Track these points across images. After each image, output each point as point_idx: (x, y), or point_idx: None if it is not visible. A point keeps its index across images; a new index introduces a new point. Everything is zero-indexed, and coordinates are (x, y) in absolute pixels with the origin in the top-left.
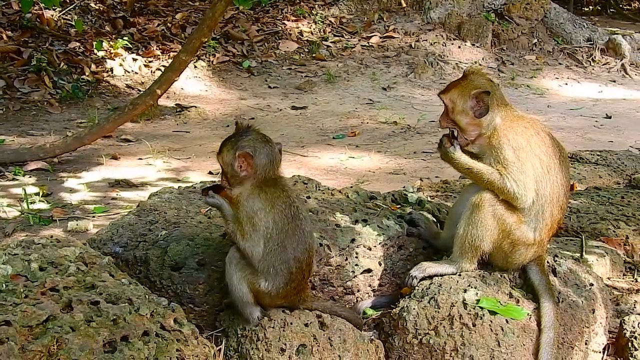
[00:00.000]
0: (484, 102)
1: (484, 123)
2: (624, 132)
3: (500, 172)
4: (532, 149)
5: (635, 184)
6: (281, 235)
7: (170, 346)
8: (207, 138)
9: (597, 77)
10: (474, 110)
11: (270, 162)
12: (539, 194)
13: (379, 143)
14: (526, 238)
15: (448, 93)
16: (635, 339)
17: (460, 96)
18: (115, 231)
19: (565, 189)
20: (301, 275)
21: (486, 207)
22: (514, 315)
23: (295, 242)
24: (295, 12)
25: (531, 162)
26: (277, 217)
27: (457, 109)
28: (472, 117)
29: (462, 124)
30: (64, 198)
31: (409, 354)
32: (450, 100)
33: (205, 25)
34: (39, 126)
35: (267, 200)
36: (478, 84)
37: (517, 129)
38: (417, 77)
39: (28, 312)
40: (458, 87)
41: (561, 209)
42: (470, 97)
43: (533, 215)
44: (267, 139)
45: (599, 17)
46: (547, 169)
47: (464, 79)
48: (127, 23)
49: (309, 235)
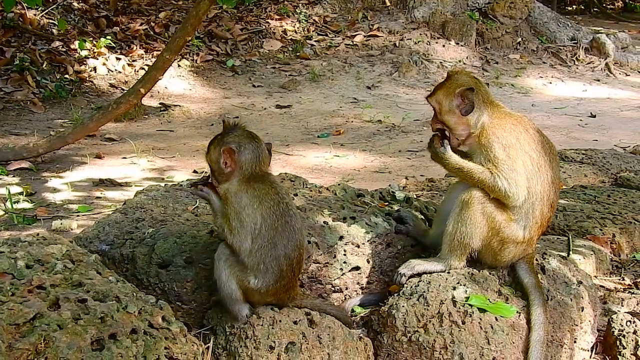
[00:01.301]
0: (468, 99)
1: (472, 121)
2: (608, 131)
3: (492, 170)
4: (521, 146)
5: (621, 182)
6: (271, 231)
7: (158, 344)
8: (191, 137)
9: (582, 76)
10: (459, 108)
11: (255, 158)
12: (530, 192)
13: (363, 142)
14: (515, 236)
15: (434, 95)
16: (623, 337)
17: (446, 96)
18: (101, 229)
19: (556, 187)
20: (291, 273)
21: (475, 205)
22: (503, 312)
23: (285, 239)
24: (279, 10)
25: (522, 160)
26: (266, 214)
27: (443, 109)
28: (458, 116)
29: (451, 124)
30: (48, 197)
31: (398, 352)
32: (437, 102)
33: (189, 24)
34: (22, 126)
35: (255, 197)
36: (462, 82)
37: (506, 126)
38: (401, 75)
39: (15, 310)
40: (443, 87)
41: (551, 207)
42: (454, 95)
43: (523, 213)
44: (253, 135)
45: (582, 16)
46: (537, 166)
47: (448, 80)
48: (110, 22)
49: (299, 232)
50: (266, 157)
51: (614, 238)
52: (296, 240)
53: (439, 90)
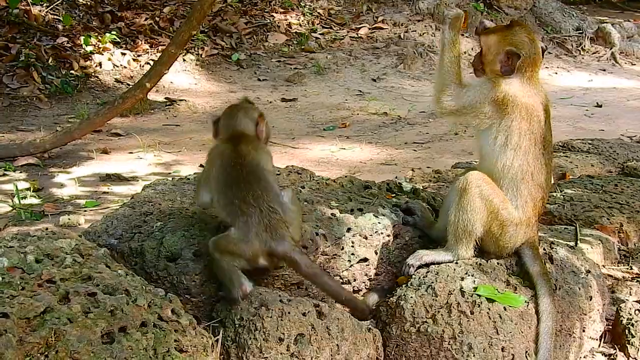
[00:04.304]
0: (512, 62)
1: (504, 80)
2: (614, 121)
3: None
4: (518, 121)
5: (628, 171)
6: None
7: (168, 337)
8: (197, 131)
9: (587, 66)
10: (501, 64)
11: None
12: (511, 169)
13: (369, 134)
14: (512, 216)
15: (488, 36)
16: (632, 326)
17: (496, 45)
18: (109, 223)
19: (549, 166)
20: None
21: (473, 189)
22: (511, 302)
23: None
24: (283, 4)
25: (516, 136)
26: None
27: (488, 54)
28: (497, 69)
29: (487, 67)
30: (55, 193)
31: (407, 343)
32: (486, 44)
33: (194, 18)
34: (28, 122)
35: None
36: (517, 41)
37: (522, 109)
38: (406, 67)
39: (25, 305)
40: (500, 34)
41: (540, 188)
42: (503, 51)
43: (509, 192)
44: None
45: (587, 6)
46: (525, 148)
47: (509, 29)
48: (115, 17)
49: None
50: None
51: (622, 227)
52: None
53: (494, 34)
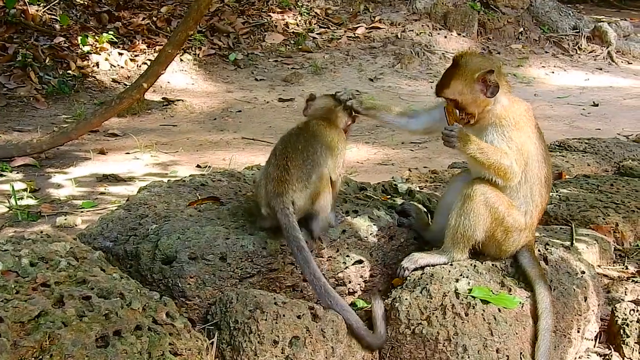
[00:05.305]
0: (491, 81)
1: (492, 100)
2: (611, 120)
3: (507, 152)
4: (530, 130)
5: (624, 171)
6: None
7: (162, 340)
8: (195, 131)
9: (584, 65)
10: (484, 92)
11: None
12: (528, 176)
13: (366, 134)
14: (518, 223)
15: (450, 87)
16: (627, 326)
17: (466, 85)
18: (105, 226)
19: (550, 168)
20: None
21: (478, 197)
22: (506, 304)
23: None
24: (280, 3)
25: (527, 143)
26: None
27: (466, 98)
28: (482, 100)
29: (473, 110)
30: (52, 193)
31: (401, 344)
32: (457, 93)
33: (191, 18)
34: (25, 122)
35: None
36: (478, 66)
37: (518, 110)
38: (403, 67)
39: (20, 308)
40: (457, 76)
41: (549, 188)
42: (476, 81)
43: (522, 198)
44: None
45: (584, 5)
46: (537, 150)
47: (460, 67)
48: (112, 17)
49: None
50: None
51: (617, 227)
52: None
53: (454, 81)
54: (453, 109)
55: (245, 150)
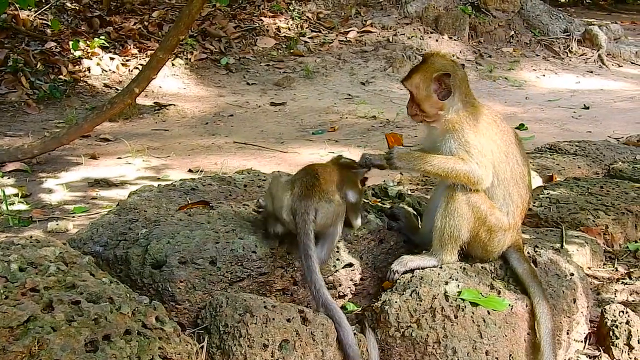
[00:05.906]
0: (445, 84)
1: (447, 105)
2: (602, 123)
3: (462, 156)
4: (490, 134)
5: (614, 173)
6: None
7: (152, 344)
8: (186, 136)
9: (575, 68)
10: (437, 93)
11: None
12: (500, 178)
13: (358, 138)
14: (502, 223)
15: (411, 79)
16: (616, 327)
17: (423, 80)
18: (95, 230)
19: (528, 168)
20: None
21: (460, 197)
22: (495, 306)
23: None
24: (272, 8)
25: (490, 147)
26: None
27: (420, 93)
28: (435, 100)
29: (426, 108)
30: (43, 199)
31: (391, 347)
32: (414, 86)
33: (182, 23)
34: (16, 127)
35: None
36: (439, 67)
37: (477, 114)
38: (395, 71)
39: (8, 313)
40: (419, 71)
41: (528, 188)
42: (432, 80)
43: (502, 199)
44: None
45: (574, 8)
46: (505, 153)
47: (425, 63)
48: (104, 22)
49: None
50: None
51: (607, 229)
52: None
53: (415, 74)
54: (395, 136)
55: (237, 154)
